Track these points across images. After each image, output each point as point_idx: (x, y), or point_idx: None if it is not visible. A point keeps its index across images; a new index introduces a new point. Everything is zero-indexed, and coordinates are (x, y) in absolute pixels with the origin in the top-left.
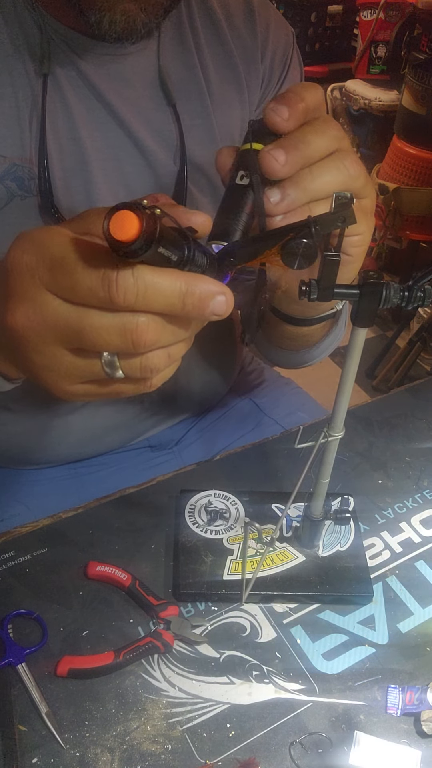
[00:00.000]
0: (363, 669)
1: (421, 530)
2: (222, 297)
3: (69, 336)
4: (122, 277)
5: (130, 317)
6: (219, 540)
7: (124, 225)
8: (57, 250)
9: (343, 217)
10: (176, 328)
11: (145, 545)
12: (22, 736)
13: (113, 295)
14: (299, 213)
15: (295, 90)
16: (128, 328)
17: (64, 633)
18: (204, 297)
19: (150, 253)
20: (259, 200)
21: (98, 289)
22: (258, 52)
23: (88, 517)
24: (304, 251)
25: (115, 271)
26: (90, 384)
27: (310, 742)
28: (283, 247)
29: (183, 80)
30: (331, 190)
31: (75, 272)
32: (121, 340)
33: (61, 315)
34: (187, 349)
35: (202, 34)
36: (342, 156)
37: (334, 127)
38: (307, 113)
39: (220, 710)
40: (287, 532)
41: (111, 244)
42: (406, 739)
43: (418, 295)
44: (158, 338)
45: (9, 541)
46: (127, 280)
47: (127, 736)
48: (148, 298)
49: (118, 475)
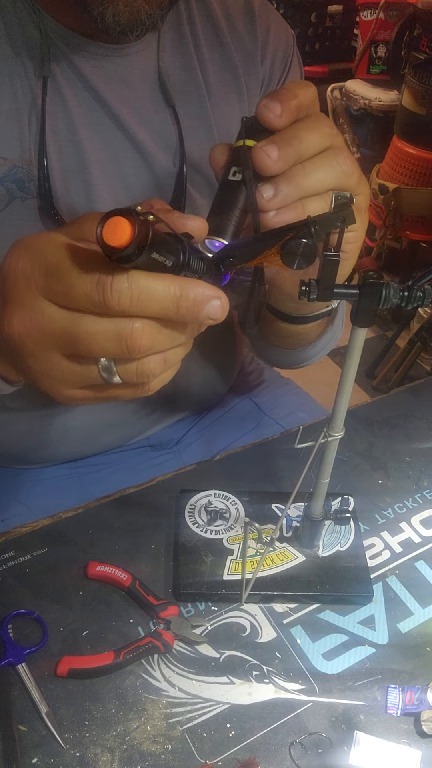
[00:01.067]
0: (363, 669)
1: (421, 530)
2: (217, 301)
3: (65, 342)
4: (117, 281)
5: (125, 323)
6: (219, 540)
7: (116, 231)
8: (52, 256)
9: (342, 217)
10: (172, 333)
11: (145, 545)
12: (22, 736)
13: (108, 299)
14: (292, 209)
15: (289, 87)
16: (123, 333)
17: (64, 633)
18: (198, 301)
19: (143, 258)
20: (251, 196)
21: (93, 293)
22: (258, 54)
23: (88, 517)
24: (304, 251)
25: (110, 276)
26: (88, 389)
27: (310, 742)
28: (282, 247)
29: (182, 81)
30: (324, 186)
31: (70, 277)
32: (116, 346)
33: (56, 321)
34: (185, 353)
35: (202, 35)
36: (335, 153)
37: (327, 124)
38: (300, 110)
39: (220, 710)
40: (287, 532)
41: (104, 249)
42: (406, 739)
43: (418, 295)
44: (153, 343)
45: (9, 541)
46: (122, 284)
47: (127, 736)
48: (143, 302)
49: (118, 475)
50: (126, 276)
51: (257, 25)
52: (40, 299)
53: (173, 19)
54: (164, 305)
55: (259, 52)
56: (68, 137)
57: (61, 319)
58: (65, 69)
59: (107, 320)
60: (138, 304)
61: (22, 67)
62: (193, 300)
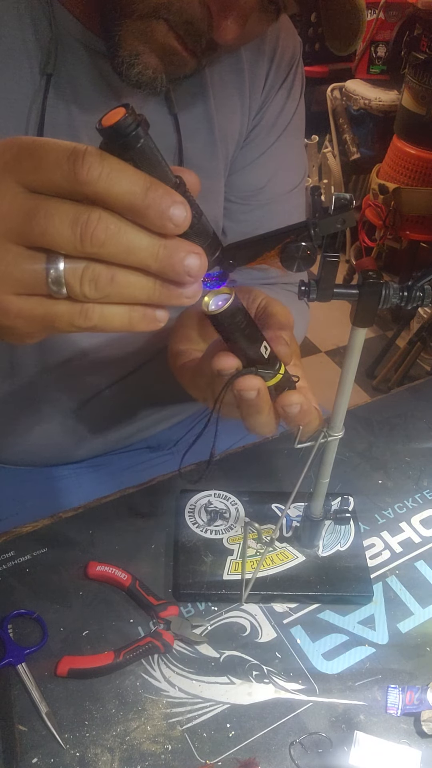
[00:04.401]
0: (363, 669)
1: (421, 530)
2: (182, 206)
3: (20, 223)
4: (90, 152)
5: (85, 208)
6: (219, 540)
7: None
8: (27, 139)
9: (342, 219)
10: (129, 239)
11: (145, 545)
12: (22, 736)
13: (78, 168)
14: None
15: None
16: (81, 218)
17: (64, 633)
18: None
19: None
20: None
21: (63, 161)
22: (266, 58)
23: (88, 517)
24: (303, 254)
25: (85, 147)
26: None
27: (310, 742)
28: (282, 249)
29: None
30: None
31: (42, 148)
32: (71, 231)
33: (17, 201)
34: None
35: None
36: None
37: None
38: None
39: (220, 710)
40: (287, 532)
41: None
42: (406, 739)
43: (418, 295)
44: (107, 238)
45: (9, 541)
46: (95, 157)
47: (127, 736)
48: (112, 179)
49: (118, 475)
50: (101, 153)
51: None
52: (6, 179)
53: None
54: (133, 189)
55: (267, 56)
56: (68, 133)
57: (23, 200)
58: (72, 65)
59: (69, 204)
60: (107, 180)
61: (27, 61)
62: (163, 192)
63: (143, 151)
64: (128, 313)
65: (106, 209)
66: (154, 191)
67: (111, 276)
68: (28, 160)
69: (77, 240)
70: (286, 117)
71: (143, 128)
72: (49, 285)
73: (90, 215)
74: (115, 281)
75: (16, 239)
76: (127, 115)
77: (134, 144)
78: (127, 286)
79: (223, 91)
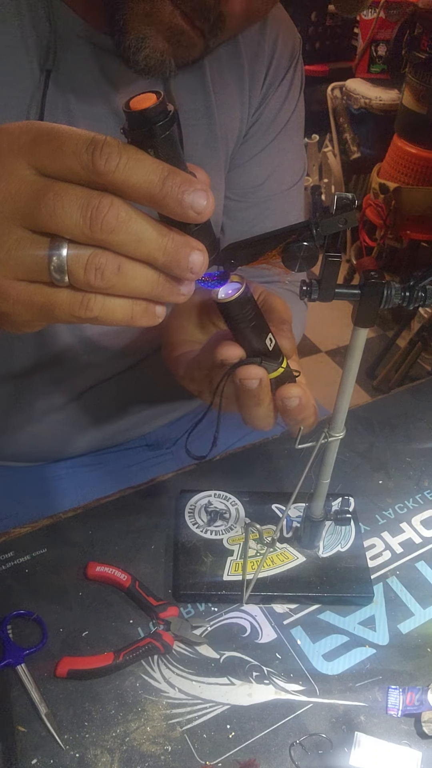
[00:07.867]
0: (363, 670)
1: (421, 531)
2: (202, 192)
3: (27, 204)
4: (110, 142)
5: (96, 193)
6: (219, 540)
7: (143, 99)
8: (45, 125)
9: (344, 219)
10: (141, 225)
11: (145, 546)
12: (22, 737)
13: (96, 158)
14: None
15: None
16: (92, 202)
17: (63, 634)
18: (186, 181)
19: (169, 132)
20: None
21: (82, 151)
22: (265, 55)
23: (88, 517)
24: (305, 254)
25: (104, 137)
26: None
27: (311, 743)
28: (284, 249)
29: (189, 79)
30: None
31: (62, 135)
32: (80, 215)
33: (28, 184)
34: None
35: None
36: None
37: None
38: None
39: (220, 711)
40: (288, 532)
41: (129, 117)
42: (406, 740)
43: (419, 295)
44: (118, 225)
45: (9, 541)
46: (114, 147)
47: (127, 737)
48: (129, 169)
49: (118, 475)
50: (119, 143)
51: (268, 26)
52: (19, 161)
53: None
54: (150, 178)
55: (267, 53)
56: None
57: (33, 181)
58: (72, 61)
59: (80, 188)
60: (125, 170)
61: (26, 57)
62: (181, 180)
63: (168, 141)
64: (131, 306)
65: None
66: (173, 179)
67: (118, 265)
68: (45, 145)
69: (86, 225)
70: (285, 114)
71: (173, 118)
72: (51, 272)
73: (102, 200)
74: (122, 271)
75: (21, 221)
76: (158, 102)
77: (160, 133)
78: (134, 277)
79: (224, 88)
